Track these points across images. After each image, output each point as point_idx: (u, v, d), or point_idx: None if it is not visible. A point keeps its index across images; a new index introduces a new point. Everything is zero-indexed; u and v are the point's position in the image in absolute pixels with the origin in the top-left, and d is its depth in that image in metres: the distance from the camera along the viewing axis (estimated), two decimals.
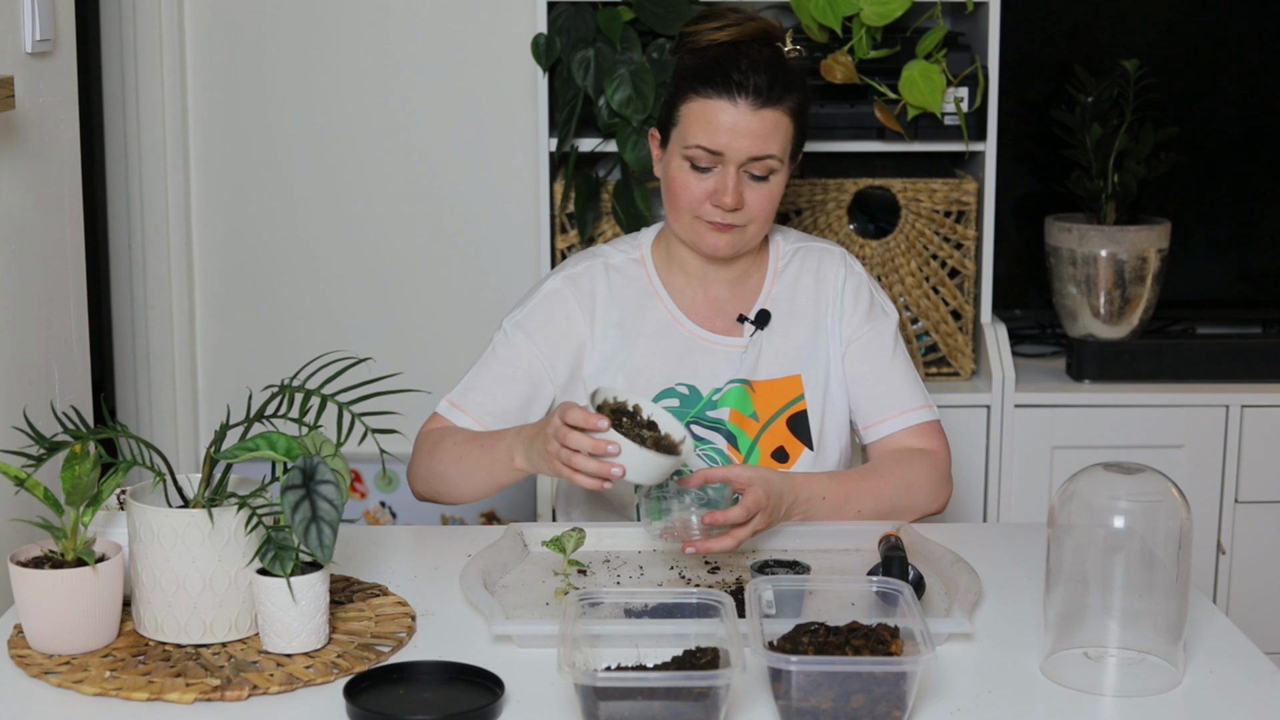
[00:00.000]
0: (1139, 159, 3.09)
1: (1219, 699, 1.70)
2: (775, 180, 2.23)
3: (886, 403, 2.31)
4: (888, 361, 2.33)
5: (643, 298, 2.32)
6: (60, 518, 1.78)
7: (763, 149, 2.19)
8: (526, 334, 2.29)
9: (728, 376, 2.29)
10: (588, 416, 1.94)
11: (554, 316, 2.30)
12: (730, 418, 2.28)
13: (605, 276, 2.33)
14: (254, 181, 3.43)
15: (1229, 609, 3.09)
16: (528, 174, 3.40)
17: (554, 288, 2.32)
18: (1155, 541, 1.72)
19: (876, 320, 2.34)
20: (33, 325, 2.31)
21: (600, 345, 2.29)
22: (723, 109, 2.18)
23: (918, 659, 1.59)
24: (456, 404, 2.29)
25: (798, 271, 2.35)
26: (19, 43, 2.26)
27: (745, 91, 2.17)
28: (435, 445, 2.24)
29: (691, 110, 2.21)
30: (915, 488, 2.24)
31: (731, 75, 2.18)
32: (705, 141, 2.19)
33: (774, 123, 2.19)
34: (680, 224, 2.26)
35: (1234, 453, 3.08)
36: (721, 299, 2.33)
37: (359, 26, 3.37)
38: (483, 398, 2.28)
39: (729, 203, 2.20)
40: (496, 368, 2.29)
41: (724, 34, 2.23)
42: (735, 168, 2.20)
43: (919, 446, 2.29)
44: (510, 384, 2.28)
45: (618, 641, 1.74)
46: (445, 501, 2.26)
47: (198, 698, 1.65)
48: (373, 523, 3.42)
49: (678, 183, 2.23)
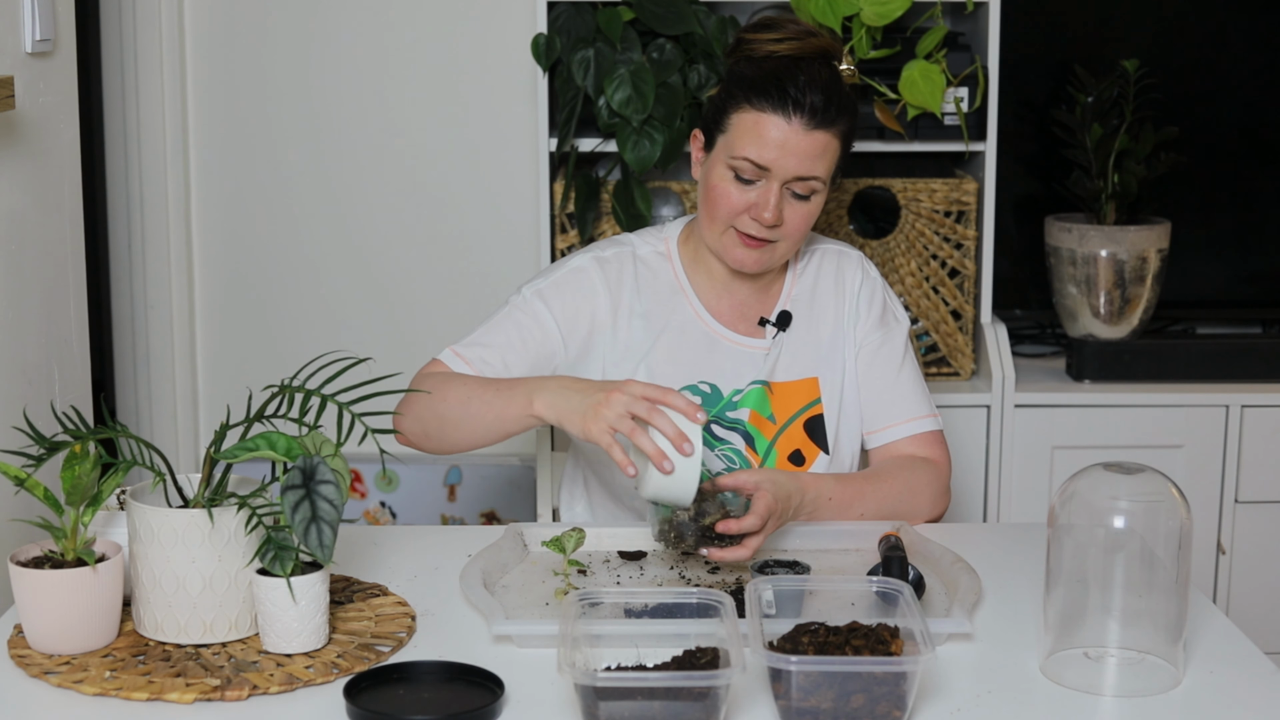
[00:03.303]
0: (1139, 159, 3.09)
1: (1219, 699, 1.70)
2: (815, 201, 2.21)
3: (892, 410, 2.31)
4: (896, 369, 2.32)
5: (669, 293, 2.31)
6: (60, 518, 1.78)
7: (810, 169, 2.17)
8: (546, 303, 2.26)
9: (749, 378, 2.28)
10: (689, 403, 1.93)
11: (578, 293, 2.27)
12: (749, 419, 2.27)
13: (633, 266, 2.31)
14: (254, 181, 3.43)
15: (1229, 609, 3.09)
16: (528, 174, 3.40)
17: (582, 265, 2.29)
18: (1155, 541, 1.72)
19: (888, 327, 2.33)
20: (33, 325, 2.31)
21: (622, 334, 2.27)
22: (775, 124, 2.15)
23: (918, 659, 1.59)
24: (461, 355, 2.23)
25: (816, 273, 2.35)
26: (19, 43, 2.26)
27: (801, 110, 2.15)
28: (441, 385, 2.17)
29: (743, 120, 2.18)
30: (917, 494, 2.24)
31: (789, 91, 2.15)
32: (754, 155, 2.16)
33: (824, 144, 2.17)
34: (712, 232, 2.24)
35: (1234, 453, 3.08)
36: (746, 302, 2.32)
37: (359, 27, 3.37)
38: (489, 355, 2.23)
39: (769, 219, 2.17)
40: (510, 330, 2.25)
41: (784, 46, 2.20)
42: (779, 184, 2.17)
43: (922, 455, 2.29)
44: (521, 349, 2.24)
45: (618, 641, 1.74)
46: (435, 448, 2.20)
47: (198, 698, 1.65)
48: (373, 523, 3.42)
49: (718, 191, 2.21)
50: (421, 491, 3.40)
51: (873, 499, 2.19)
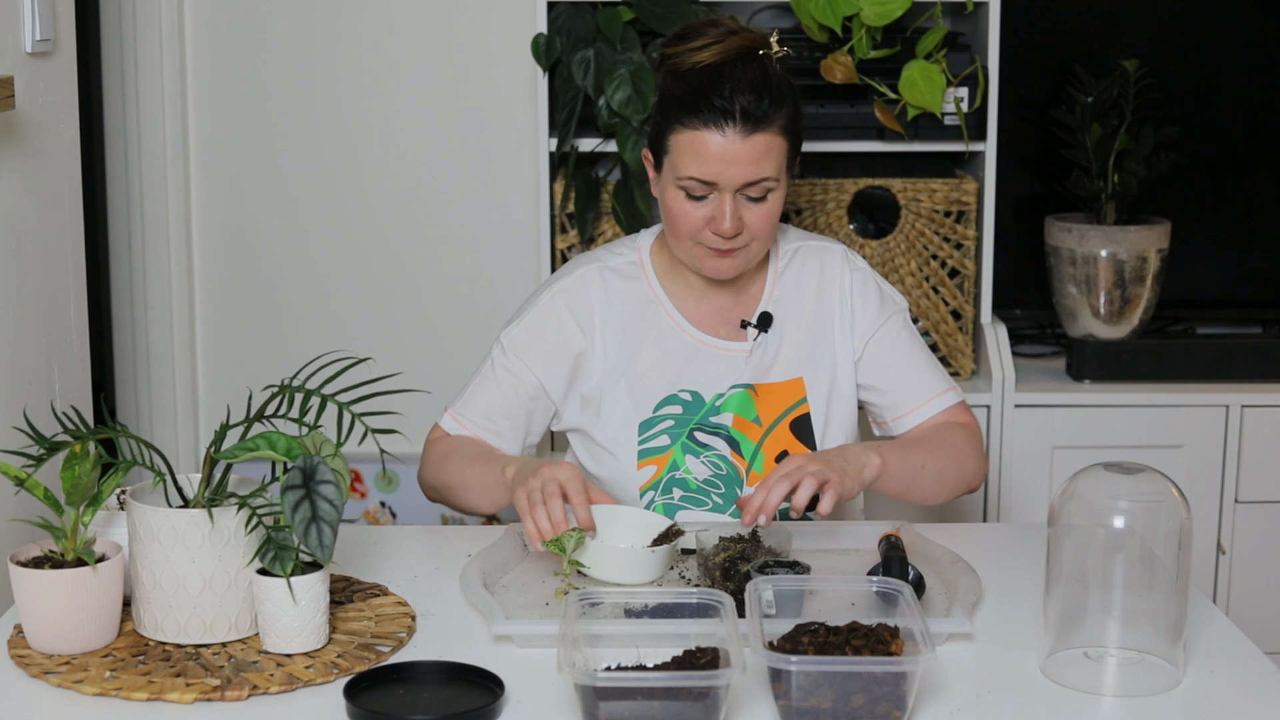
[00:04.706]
0: (1139, 159, 3.09)
1: (1219, 699, 1.70)
2: (773, 198, 2.18)
3: (914, 392, 2.30)
4: (907, 350, 2.31)
5: (643, 304, 2.30)
6: (60, 518, 1.78)
7: (756, 174, 2.14)
8: (520, 354, 2.28)
9: (731, 381, 2.28)
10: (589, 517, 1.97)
11: (546, 332, 2.28)
12: (733, 423, 2.27)
13: (602, 282, 2.30)
14: (254, 181, 3.43)
15: (1229, 609, 3.09)
16: (528, 174, 3.40)
17: (546, 302, 2.29)
18: (1155, 541, 1.72)
19: (889, 312, 2.32)
20: (33, 325, 2.31)
21: (600, 352, 2.27)
22: (711, 140, 2.12)
23: (918, 659, 1.59)
24: (458, 418, 2.29)
25: (799, 273, 2.33)
26: (19, 43, 2.26)
27: (731, 119, 2.12)
28: (443, 458, 2.26)
29: (680, 141, 2.15)
30: (963, 456, 2.25)
31: (715, 103, 2.12)
32: (697, 173, 2.14)
33: (765, 146, 2.14)
34: (681, 249, 2.23)
35: (1234, 453, 3.08)
36: (725, 306, 2.30)
37: (359, 27, 3.37)
38: (484, 409, 2.28)
39: (727, 229, 2.15)
40: (495, 384, 2.28)
41: (707, 54, 2.16)
42: (731, 194, 2.15)
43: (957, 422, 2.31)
44: (511, 400, 2.27)
45: (618, 641, 1.74)
46: (454, 509, 2.30)
47: (198, 698, 1.65)
48: (373, 523, 3.42)
49: (675, 211, 2.19)
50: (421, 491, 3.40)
51: (926, 451, 2.21)
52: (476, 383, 2.31)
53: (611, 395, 2.26)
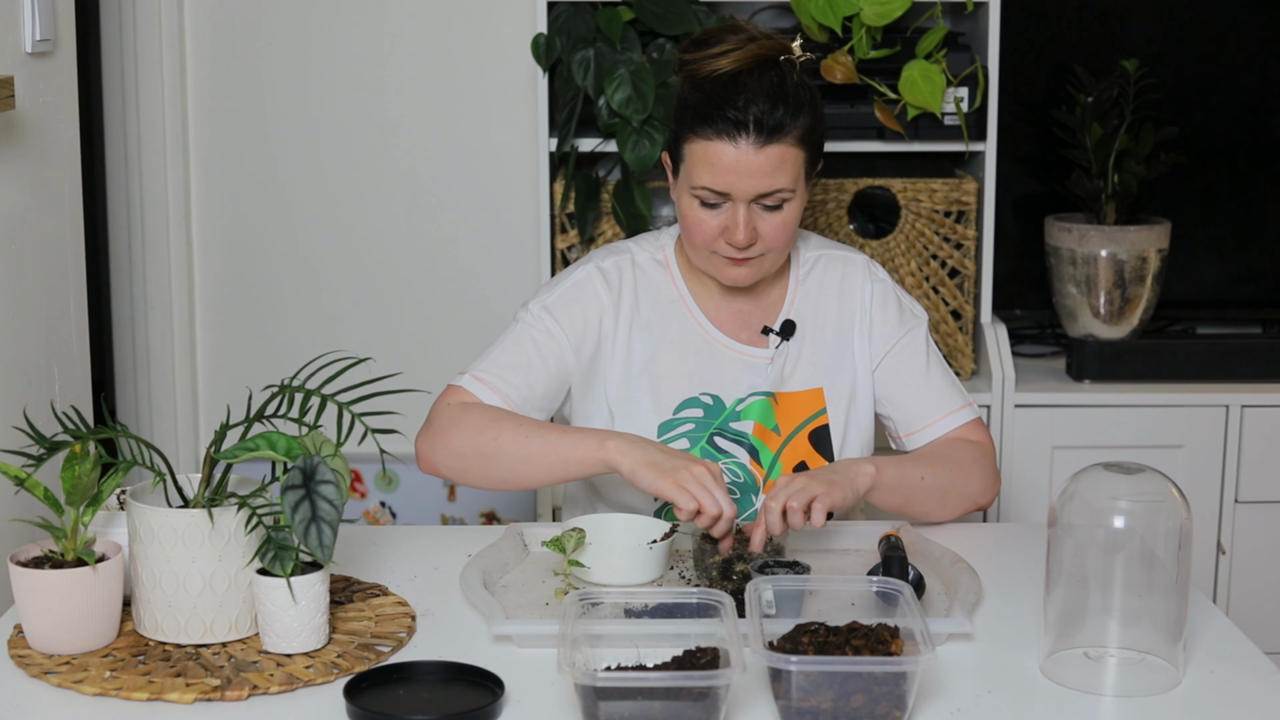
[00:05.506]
0: (1139, 159, 3.09)
1: (1219, 699, 1.70)
2: (790, 208, 2.15)
3: (929, 407, 2.28)
4: (924, 365, 2.29)
5: (668, 303, 2.27)
6: (60, 518, 1.78)
7: (770, 185, 2.12)
8: (555, 318, 2.22)
9: (751, 388, 2.25)
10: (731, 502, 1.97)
11: (585, 306, 2.24)
12: (754, 431, 2.24)
13: (633, 274, 2.27)
14: (254, 181, 3.43)
15: (1229, 609, 3.09)
16: (528, 174, 3.40)
17: (584, 276, 2.25)
18: (1155, 541, 1.72)
19: (909, 325, 2.30)
20: (33, 325, 2.31)
21: (622, 344, 2.24)
22: (724, 150, 2.10)
23: (918, 659, 1.59)
24: (483, 380, 2.19)
25: (820, 281, 2.31)
26: (19, 43, 2.26)
27: (745, 130, 2.09)
28: (485, 422, 2.13)
29: (694, 151, 2.13)
30: (969, 472, 2.22)
31: (728, 114, 2.09)
32: (710, 183, 2.12)
33: (779, 157, 2.11)
34: (697, 256, 2.21)
35: (1234, 453, 3.08)
36: (745, 311, 2.28)
37: (358, 27, 3.37)
38: (511, 376, 2.19)
39: (740, 240, 2.13)
40: (526, 349, 2.21)
41: (725, 61, 2.12)
42: (745, 205, 2.13)
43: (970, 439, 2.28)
44: (541, 367, 2.21)
45: (618, 641, 1.74)
46: (475, 483, 2.16)
47: (198, 698, 1.65)
48: (373, 523, 3.42)
49: (691, 219, 2.17)
50: (421, 491, 3.40)
51: (928, 466, 2.18)
52: (501, 348, 2.22)
53: (633, 392, 2.24)
